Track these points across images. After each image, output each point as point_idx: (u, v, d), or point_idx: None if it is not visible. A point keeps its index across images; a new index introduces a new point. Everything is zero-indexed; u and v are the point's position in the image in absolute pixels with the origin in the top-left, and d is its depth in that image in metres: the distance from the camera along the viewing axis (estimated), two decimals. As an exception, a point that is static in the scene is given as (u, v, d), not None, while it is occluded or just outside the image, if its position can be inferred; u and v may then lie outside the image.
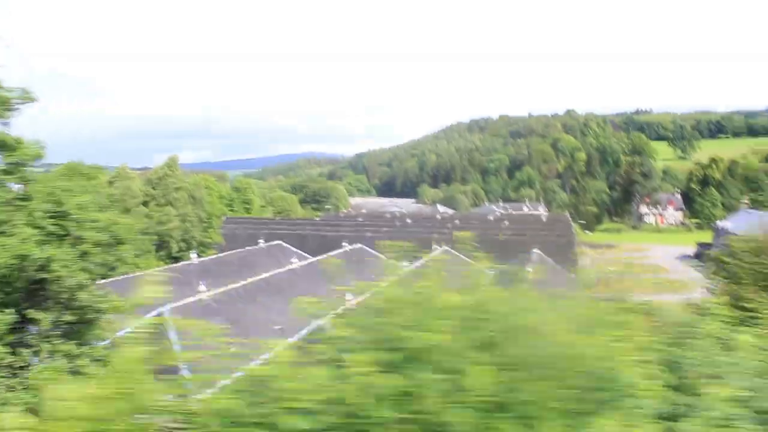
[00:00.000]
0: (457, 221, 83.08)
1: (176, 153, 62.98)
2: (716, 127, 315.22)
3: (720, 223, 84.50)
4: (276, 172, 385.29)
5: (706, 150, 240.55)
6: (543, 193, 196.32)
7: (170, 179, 57.03)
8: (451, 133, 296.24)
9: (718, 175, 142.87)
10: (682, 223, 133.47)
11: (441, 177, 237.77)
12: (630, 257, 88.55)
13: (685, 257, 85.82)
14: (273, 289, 31.97)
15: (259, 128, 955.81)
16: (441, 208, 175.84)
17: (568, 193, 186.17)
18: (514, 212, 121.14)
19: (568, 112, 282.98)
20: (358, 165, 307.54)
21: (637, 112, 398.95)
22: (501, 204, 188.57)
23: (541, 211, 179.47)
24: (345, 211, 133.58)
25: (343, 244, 50.84)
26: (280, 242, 55.83)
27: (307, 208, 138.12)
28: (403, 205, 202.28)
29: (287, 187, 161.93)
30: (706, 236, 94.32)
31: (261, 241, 53.91)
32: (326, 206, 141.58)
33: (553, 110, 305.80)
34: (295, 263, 40.05)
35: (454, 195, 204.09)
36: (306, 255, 51.78)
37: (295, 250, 54.36)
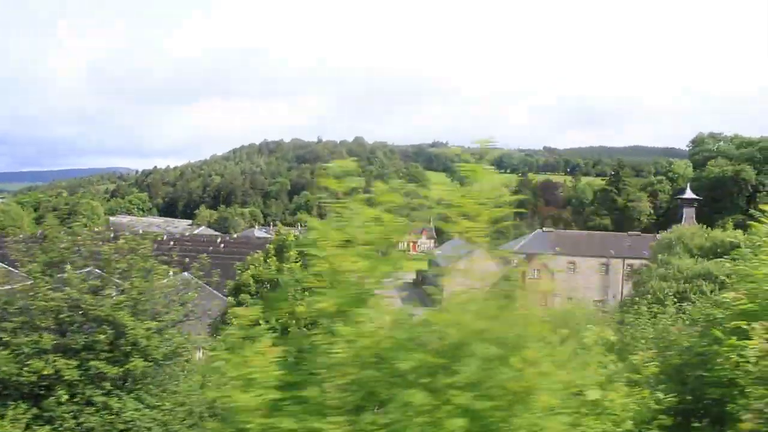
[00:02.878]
0: (188, 242, 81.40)
1: None
2: (497, 163, 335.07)
3: (438, 252, 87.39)
4: (65, 187, 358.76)
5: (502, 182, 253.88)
6: (318, 217, 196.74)
7: None
8: (241, 154, 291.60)
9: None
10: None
11: (222, 198, 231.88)
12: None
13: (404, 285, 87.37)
14: None
15: (66, 138, 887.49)
16: (208, 230, 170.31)
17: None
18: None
19: (356, 140, 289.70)
20: (144, 183, 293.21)
21: (434, 145, 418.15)
22: (272, 227, 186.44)
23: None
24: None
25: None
26: None
27: (44, 224, 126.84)
28: (178, 226, 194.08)
29: (34, 202, 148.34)
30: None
31: None
32: (68, 224, 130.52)
33: (343, 137, 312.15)
34: None
35: (230, 217, 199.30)
36: None
37: None
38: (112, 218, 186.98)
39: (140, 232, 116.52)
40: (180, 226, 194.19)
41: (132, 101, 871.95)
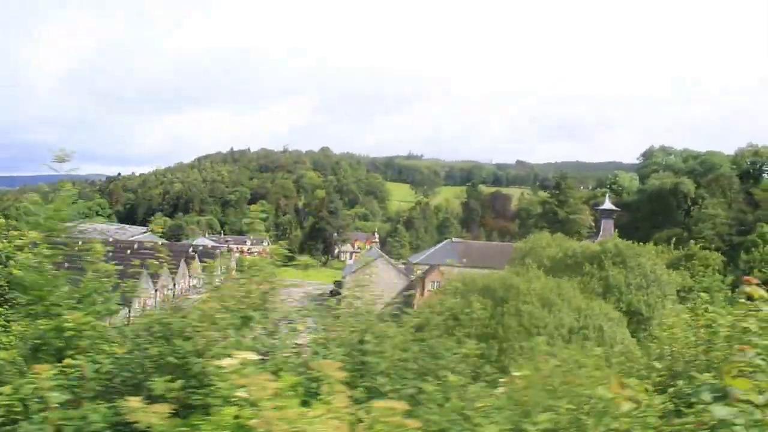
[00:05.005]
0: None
1: None
2: (466, 176, 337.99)
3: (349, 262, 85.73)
4: (35, 191, 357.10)
5: (444, 194, 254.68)
6: (285, 226, 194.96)
7: None
8: (206, 162, 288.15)
9: (416, 216, 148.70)
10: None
11: (181, 206, 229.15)
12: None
13: (320, 295, 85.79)
14: None
15: (50, 143, 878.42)
16: (153, 238, 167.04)
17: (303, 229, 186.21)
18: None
19: (323, 150, 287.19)
20: (107, 189, 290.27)
21: (409, 157, 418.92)
22: (222, 236, 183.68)
23: (264, 245, 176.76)
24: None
25: None
26: None
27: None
28: (130, 232, 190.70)
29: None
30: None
31: None
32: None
33: (309, 147, 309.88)
34: None
35: (185, 225, 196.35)
36: None
37: None
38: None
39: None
40: (133, 233, 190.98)
41: (117, 107, 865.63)
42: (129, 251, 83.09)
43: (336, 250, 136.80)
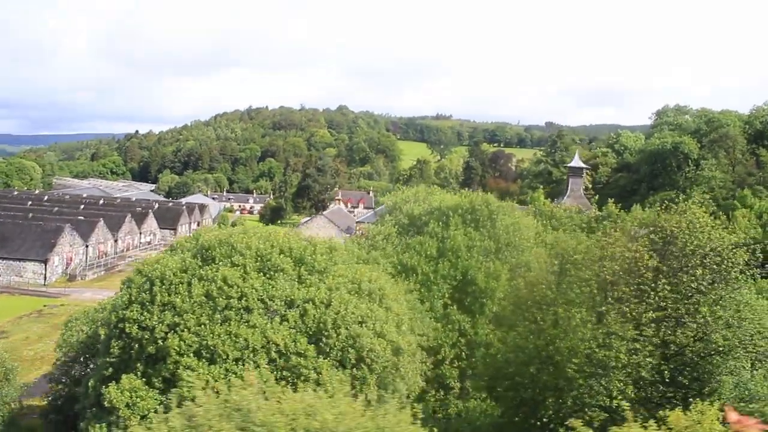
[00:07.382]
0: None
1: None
2: (490, 136, 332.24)
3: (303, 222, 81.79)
4: (65, 149, 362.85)
5: (459, 154, 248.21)
6: (280, 184, 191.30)
7: None
8: (221, 119, 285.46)
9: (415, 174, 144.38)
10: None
11: (191, 163, 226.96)
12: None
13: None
14: None
15: (86, 104, 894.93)
16: (151, 195, 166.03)
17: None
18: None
19: (340, 108, 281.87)
20: (124, 147, 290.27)
21: (437, 117, 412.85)
22: (224, 194, 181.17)
23: (252, 202, 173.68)
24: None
25: None
26: None
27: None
28: (140, 188, 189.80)
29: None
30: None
31: None
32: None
33: (326, 105, 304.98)
34: None
35: (190, 182, 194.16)
36: None
37: None
38: (61, 179, 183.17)
39: (59, 195, 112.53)
40: (141, 189, 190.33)
41: (154, 71, 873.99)
42: (82, 206, 79.44)
43: (328, 209, 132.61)
